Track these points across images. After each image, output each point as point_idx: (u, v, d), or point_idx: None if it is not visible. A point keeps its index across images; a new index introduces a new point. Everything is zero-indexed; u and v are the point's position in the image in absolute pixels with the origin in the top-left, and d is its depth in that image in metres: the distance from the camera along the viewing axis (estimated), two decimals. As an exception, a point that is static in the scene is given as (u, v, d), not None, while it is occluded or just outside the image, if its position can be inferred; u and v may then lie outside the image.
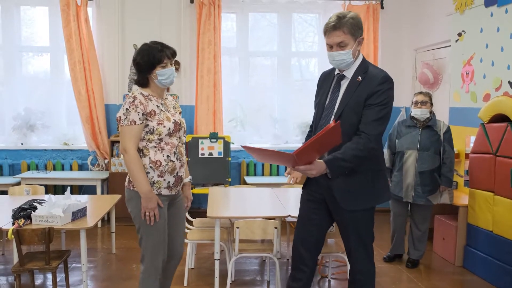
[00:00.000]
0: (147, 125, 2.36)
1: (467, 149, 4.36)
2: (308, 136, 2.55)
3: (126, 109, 2.32)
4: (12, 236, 2.75)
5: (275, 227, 3.03)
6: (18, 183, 4.88)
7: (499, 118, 3.54)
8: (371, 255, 2.42)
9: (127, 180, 2.47)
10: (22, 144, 5.40)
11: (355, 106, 2.21)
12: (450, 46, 4.73)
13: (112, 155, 5.14)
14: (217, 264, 3.19)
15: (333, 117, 2.25)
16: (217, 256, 3.18)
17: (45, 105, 5.45)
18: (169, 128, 2.38)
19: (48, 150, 5.45)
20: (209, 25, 5.32)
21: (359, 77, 2.24)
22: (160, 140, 2.38)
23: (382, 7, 5.55)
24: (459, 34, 4.50)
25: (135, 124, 2.31)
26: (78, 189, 5.39)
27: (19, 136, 5.38)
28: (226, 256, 3.48)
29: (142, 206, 2.35)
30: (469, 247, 3.84)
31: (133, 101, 2.32)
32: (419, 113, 3.69)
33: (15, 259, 3.03)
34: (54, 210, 2.95)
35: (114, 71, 5.43)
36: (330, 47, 2.23)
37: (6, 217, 3.07)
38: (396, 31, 5.68)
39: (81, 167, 5.49)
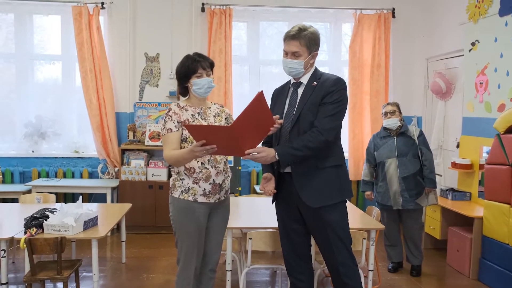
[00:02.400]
0: (182, 133, 2.45)
1: (481, 159, 4.30)
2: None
3: (164, 120, 2.46)
4: (24, 245, 2.74)
5: (288, 238, 2.99)
6: (29, 191, 4.89)
7: (516, 128, 3.49)
8: (354, 256, 2.48)
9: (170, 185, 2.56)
10: (33, 151, 5.42)
11: (311, 107, 2.37)
12: (463, 55, 4.68)
13: (122, 163, 5.14)
14: (229, 275, 3.15)
15: (292, 119, 2.39)
16: (228, 267, 3.14)
17: (56, 113, 5.48)
18: None
19: (58, 158, 5.47)
20: (220, 34, 5.33)
21: (315, 82, 2.41)
22: None
23: (393, 16, 5.52)
24: (473, 44, 4.46)
25: (171, 131, 2.42)
26: (88, 197, 5.39)
27: (30, 143, 5.40)
28: (238, 267, 3.44)
29: (194, 157, 2.30)
30: (484, 259, 3.76)
31: (168, 112, 2.46)
32: (390, 122, 3.84)
33: (27, 268, 3.02)
34: (66, 219, 2.94)
35: (125, 80, 5.45)
36: (286, 54, 2.40)
37: (17, 226, 3.07)
38: (408, 40, 5.65)
39: (91, 175, 5.49)
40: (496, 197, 3.64)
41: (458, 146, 4.74)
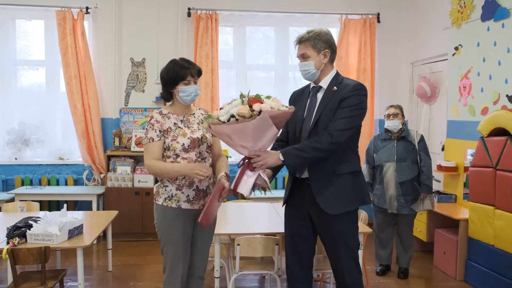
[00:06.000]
0: (164, 142, 2.43)
1: (465, 162, 4.36)
2: (273, 148, 2.51)
3: (146, 128, 2.44)
4: (7, 255, 2.68)
5: (277, 244, 2.98)
6: (12, 199, 4.79)
7: (499, 131, 3.54)
8: (359, 265, 2.49)
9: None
10: (16, 159, 5.32)
11: (329, 112, 2.34)
12: (447, 59, 4.75)
13: (108, 170, 5.07)
14: (217, 282, 3.13)
15: (311, 124, 2.37)
16: (217, 273, 3.12)
17: (40, 119, 5.39)
18: (183, 144, 2.41)
19: (42, 165, 5.37)
20: (207, 39, 5.32)
21: (335, 87, 2.39)
22: (177, 155, 2.42)
23: (378, 21, 5.58)
24: (456, 48, 4.53)
25: (153, 141, 2.41)
26: (73, 205, 5.30)
27: (13, 151, 5.29)
28: (226, 273, 3.41)
29: (194, 176, 2.32)
30: (470, 261, 3.80)
31: (150, 120, 2.44)
32: (391, 124, 3.84)
33: (9, 279, 2.95)
34: (50, 228, 2.88)
35: (110, 85, 5.40)
36: (299, 59, 2.44)
37: (0, 236, 3.00)
38: (393, 44, 5.71)
39: (76, 182, 5.41)
40: (480, 199, 3.68)
41: (443, 149, 4.80)
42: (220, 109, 2.23)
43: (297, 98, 2.55)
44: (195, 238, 2.52)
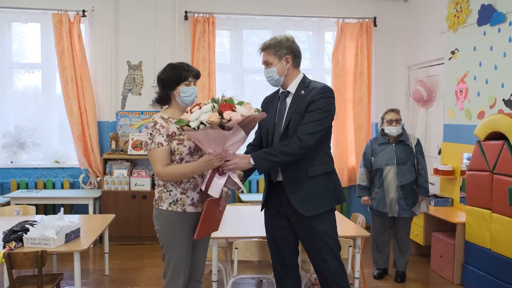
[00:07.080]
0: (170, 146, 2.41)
1: (462, 166, 4.38)
2: (246, 152, 2.57)
3: (150, 133, 2.37)
4: (3, 260, 2.65)
5: (275, 248, 2.97)
6: (8, 203, 4.76)
7: (495, 135, 3.56)
8: (343, 265, 2.50)
9: (154, 198, 2.49)
10: (11, 162, 5.28)
11: (298, 116, 2.39)
12: (443, 63, 4.78)
13: (104, 173, 5.05)
14: (215, 286, 3.12)
15: (282, 129, 2.43)
16: (214, 277, 3.11)
17: (36, 122, 5.36)
18: (190, 147, 2.40)
19: (38, 168, 5.34)
20: (204, 42, 5.32)
21: (302, 91, 2.44)
22: (182, 159, 2.39)
23: (375, 25, 5.61)
24: (452, 52, 4.56)
25: (162, 146, 2.35)
26: (70, 209, 5.27)
27: (8, 154, 5.26)
28: (224, 277, 3.40)
29: (209, 167, 2.29)
30: (467, 265, 3.81)
31: (155, 125, 2.37)
32: (395, 130, 3.84)
33: (6, 283, 2.93)
34: (47, 232, 2.87)
35: (107, 88, 5.38)
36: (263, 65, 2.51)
37: (-4, 240, 2.97)
38: (390, 48, 5.74)
39: (73, 186, 5.38)
40: (477, 202, 3.70)
41: (439, 153, 4.82)
42: (190, 111, 2.23)
43: (268, 103, 2.61)
44: (194, 240, 2.51)
